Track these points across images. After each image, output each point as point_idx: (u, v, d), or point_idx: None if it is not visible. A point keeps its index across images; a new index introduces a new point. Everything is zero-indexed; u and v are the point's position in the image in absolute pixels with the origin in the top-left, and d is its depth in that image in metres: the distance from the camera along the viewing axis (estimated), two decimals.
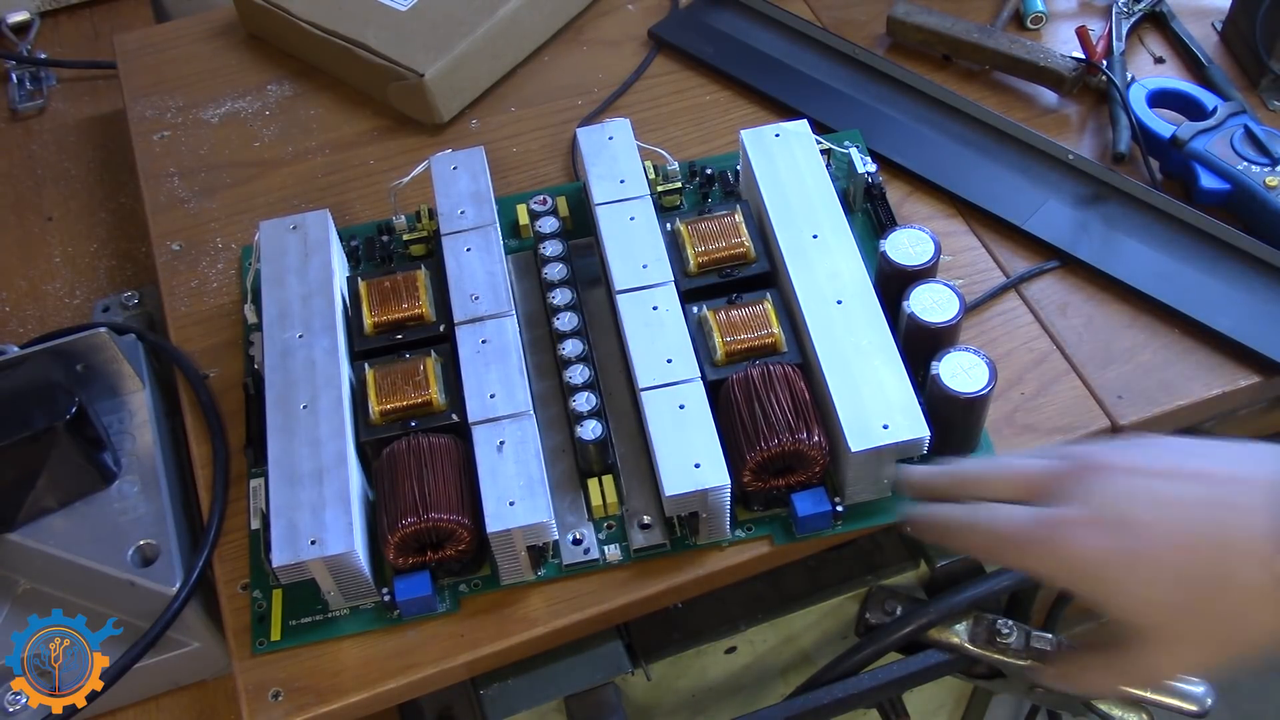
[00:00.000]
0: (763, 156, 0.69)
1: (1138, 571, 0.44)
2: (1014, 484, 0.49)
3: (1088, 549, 0.45)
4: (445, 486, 0.57)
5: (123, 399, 0.67)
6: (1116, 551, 0.44)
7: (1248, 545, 0.42)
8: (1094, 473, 0.46)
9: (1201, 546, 0.43)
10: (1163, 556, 0.43)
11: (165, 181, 0.80)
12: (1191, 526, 0.43)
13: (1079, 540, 0.45)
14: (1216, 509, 0.43)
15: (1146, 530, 0.44)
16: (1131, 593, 0.44)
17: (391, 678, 0.58)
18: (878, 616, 0.64)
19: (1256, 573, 0.42)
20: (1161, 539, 0.43)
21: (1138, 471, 0.45)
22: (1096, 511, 0.45)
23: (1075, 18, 0.84)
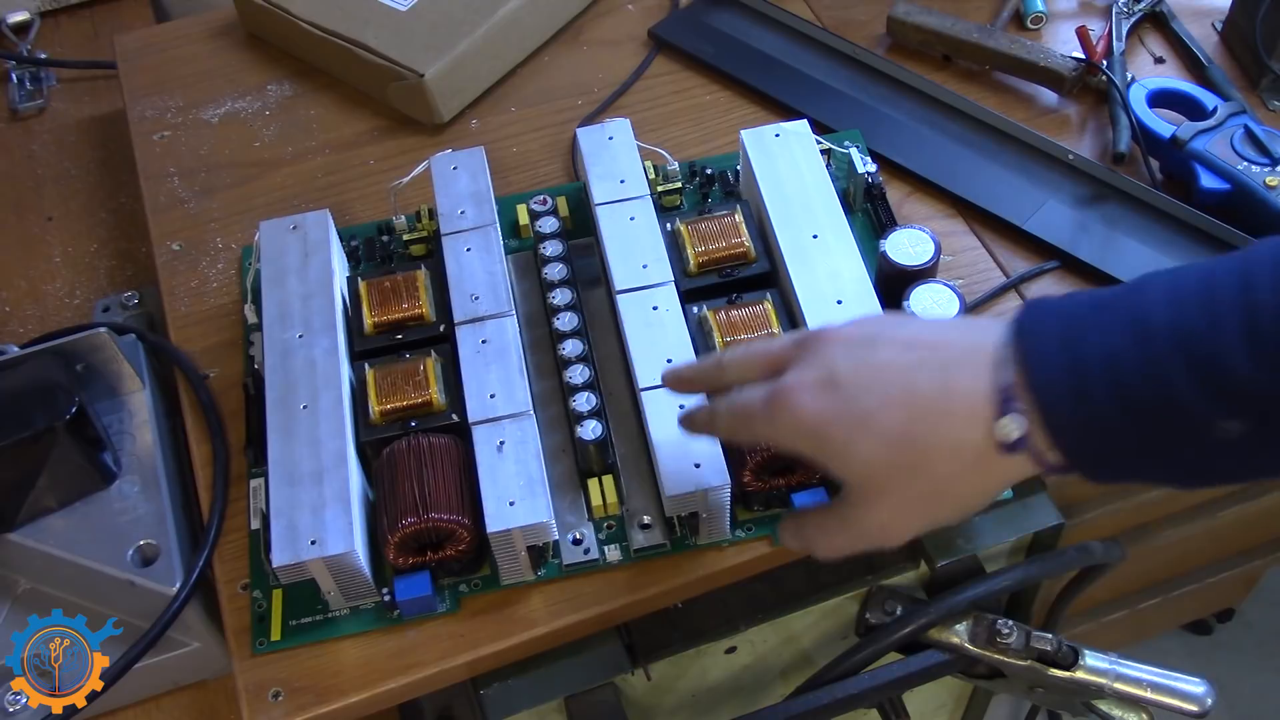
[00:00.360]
0: (763, 156, 0.69)
1: (852, 431, 0.45)
2: (755, 366, 0.51)
3: (809, 410, 0.46)
4: (445, 486, 0.57)
5: (123, 399, 0.67)
6: (832, 412, 0.46)
7: (956, 405, 0.43)
8: (819, 342, 0.48)
9: (917, 407, 0.44)
10: (878, 416, 0.45)
11: (165, 181, 0.80)
12: (909, 388, 0.45)
13: (801, 403, 0.46)
14: (936, 371, 0.44)
15: (864, 391, 0.45)
16: (846, 452, 0.46)
17: (391, 678, 0.58)
18: (878, 616, 0.64)
19: (972, 433, 0.43)
20: (875, 400, 0.45)
21: (860, 339, 0.47)
22: (817, 376, 0.46)
23: (1075, 18, 0.85)
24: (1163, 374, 0.39)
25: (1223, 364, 0.38)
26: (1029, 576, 0.63)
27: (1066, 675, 0.62)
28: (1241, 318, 0.38)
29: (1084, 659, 0.62)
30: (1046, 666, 0.62)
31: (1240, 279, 0.39)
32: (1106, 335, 0.41)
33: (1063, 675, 0.62)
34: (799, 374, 0.47)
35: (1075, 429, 0.42)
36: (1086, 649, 0.62)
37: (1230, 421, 0.39)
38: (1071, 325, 0.42)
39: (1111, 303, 0.42)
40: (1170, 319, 0.40)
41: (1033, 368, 0.42)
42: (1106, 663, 0.62)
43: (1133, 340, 0.40)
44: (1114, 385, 0.40)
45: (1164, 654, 1.36)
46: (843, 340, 0.48)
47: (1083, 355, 0.41)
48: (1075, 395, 0.41)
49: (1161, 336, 0.40)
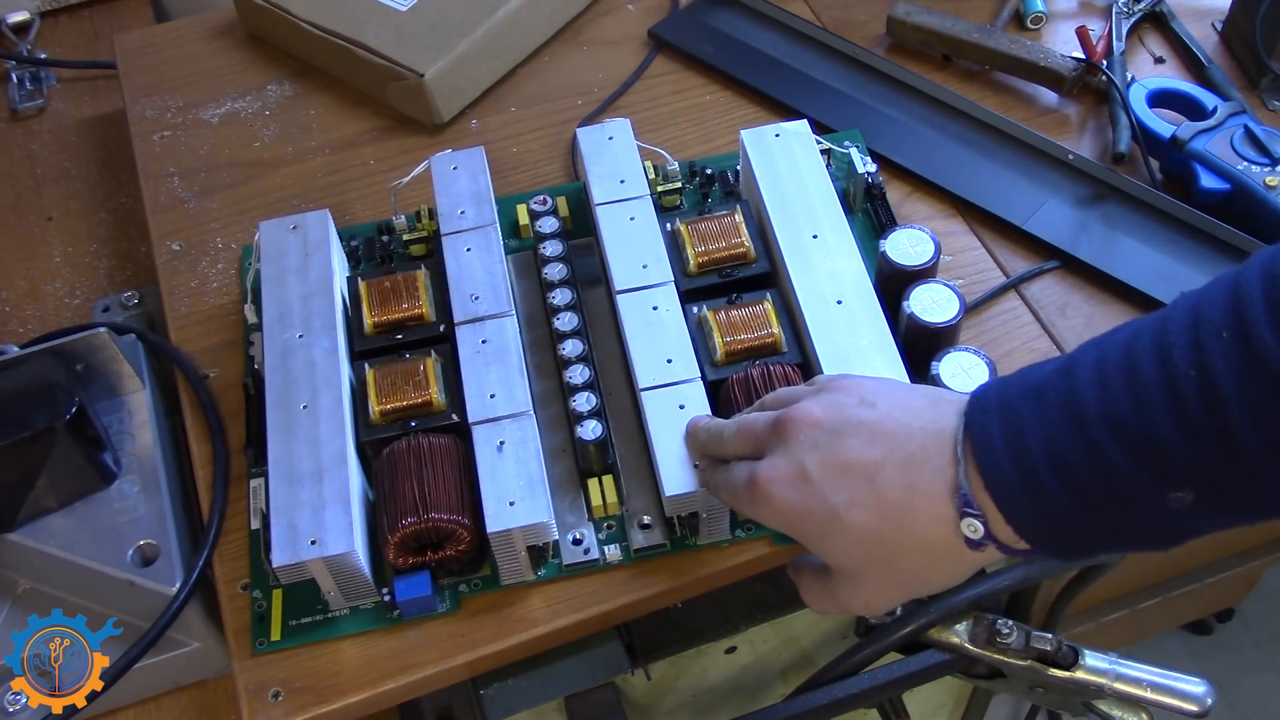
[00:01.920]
0: (763, 156, 0.69)
1: (826, 527, 0.48)
2: (743, 442, 0.52)
3: (782, 503, 0.48)
4: (445, 486, 0.57)
5: (123, 399, 0.67)
6: (807, 507, 0.48)
7: (926, 505, 0.45)
8: (792, 426, 0.49)
9: (885, 509, 0.46)
10: (847, 515, 0.47)
11: (165, 181, 0.80)
12: (875, 488, 0.46)
13: (774, 494, 0.49)
14: (898, 470, 0.46)
15: (832, 488, 0.47)
16: (823, 543, 0.49)
17: (391, 678, 0.58)
18: (878, 616, 0.64)
19: (939, 530, 0.45)
20: (845, 498, 0.47)
21: (829, 428, 0.48)
22: (788, 466, 0.48)
23: (1075, 18, 0.85)
24: (1104, 459, 0.40)
25: (1157, 444, 0.39)
26: (1029, 576, 0.63)
27: (1066, 675, 0.62)
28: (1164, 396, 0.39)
29: (1084, 659, 0.62)
30: (1046, 666, 0.62)
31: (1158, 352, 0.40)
32: (1046, 427, 0.42)
33: (1063, 675, 0.62)
34: (771, 464, 0.49)
35: (1033, 522, 0.43)
36: (1086, 649, 0.62)
37: (1179, 493, 0.40)
38: (1012, 419, 0.43)
39: (1046, 389, 0.42)
40: (1100, 404, 0.40)
41: (984, 467, 0.43)
42: (1106, 663, 0.62)
43: (1069, 429, 0.41)
44: (1061, 477, 0.41)
45: (1164, 654, 1.36)
46: (812, 426, 0.49)
47: (1028, 449, 0.42)
48: (1027, 492, 0.42)
49: (1095, 423, 0.41)
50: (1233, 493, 0.39)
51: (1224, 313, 0.38)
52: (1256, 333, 0.37)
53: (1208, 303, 0.39)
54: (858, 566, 0.49)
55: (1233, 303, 0.38)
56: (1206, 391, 0.38)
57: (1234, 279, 0.39)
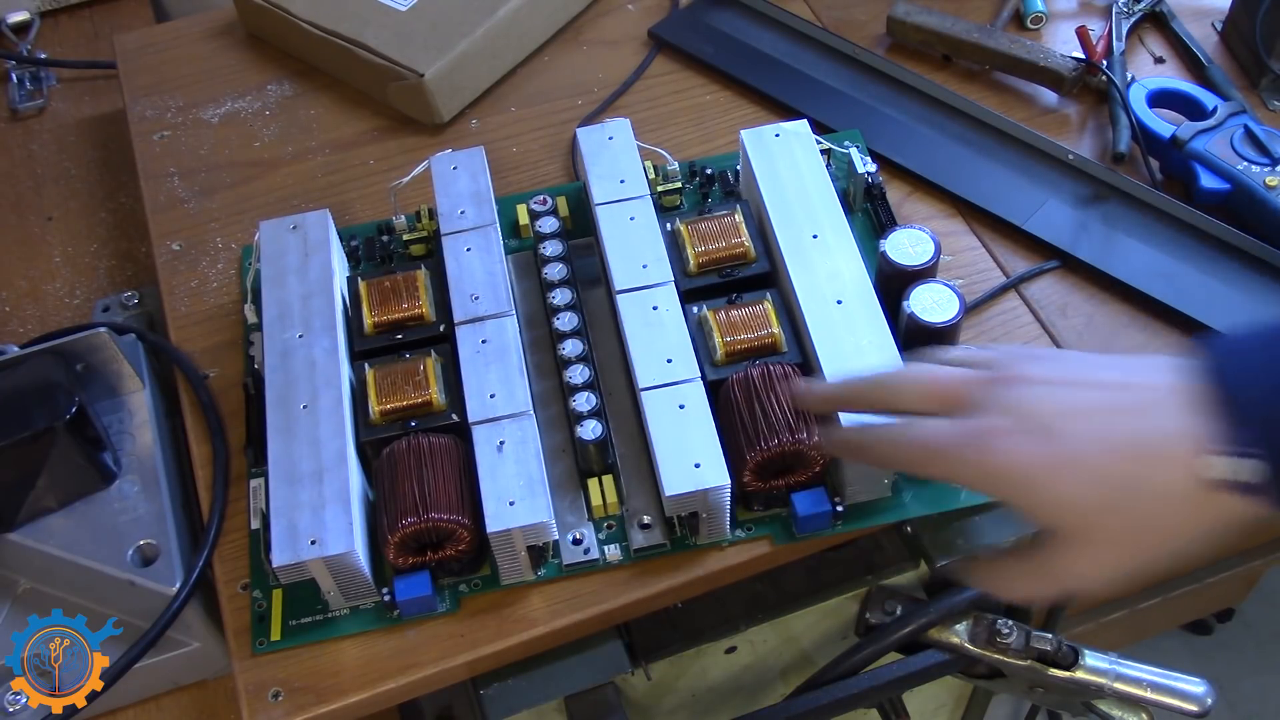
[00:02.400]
0: (763, 156, 0.69)
1: (1059, 475, 0.45)
2: (928, 396, 0.50)
3: (1012, 457, 0.46)
4: (445, 486, 0.57)
5: (123, 399, 0.67)
6: (1039, 456, 0.45)
7: (1167, 447, 0.44)
8: (1011, 383, 0.47)
9: (1121, 448, 0.44)
10: (1084, 460, 0.45)
11: (165, 181, 0.80)
12: (1111, 430, 0.45)
13: (1003, 449, 0.46)
14: (1134, 414, 0.45)
15: (1068, 436, 0.45)
16: (1053, 496, 0.46)
17: (391, 678, 0.58)
18: (878, 616, 0.64)
19: (1176, 473, 0.43)
20: (1083, 443, 0.45)
21: (1054, 381, 0.47)
22: (1018, 420, 0.46)
23: (1075, 18, 0.85)
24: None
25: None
26: None
27: (1066, 675, 0.62)
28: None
29: (1084, 659, 0.62)
30: (1046, 666, 0.62)
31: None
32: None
33: (1063, 675, 0.62)
34: (999, 418, 0.47)
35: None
36: (1086, 649, 0.62)
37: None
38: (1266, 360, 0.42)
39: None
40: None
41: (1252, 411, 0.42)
42: (1106, 663, 0.62)
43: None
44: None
45: (1164, 654, 1.36)
46: (1041, 381, 0.47)
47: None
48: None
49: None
50: None
51: None
52: None
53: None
54: (1087, 521, 0.46)
55: None
56: None
57: None
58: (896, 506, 0.61)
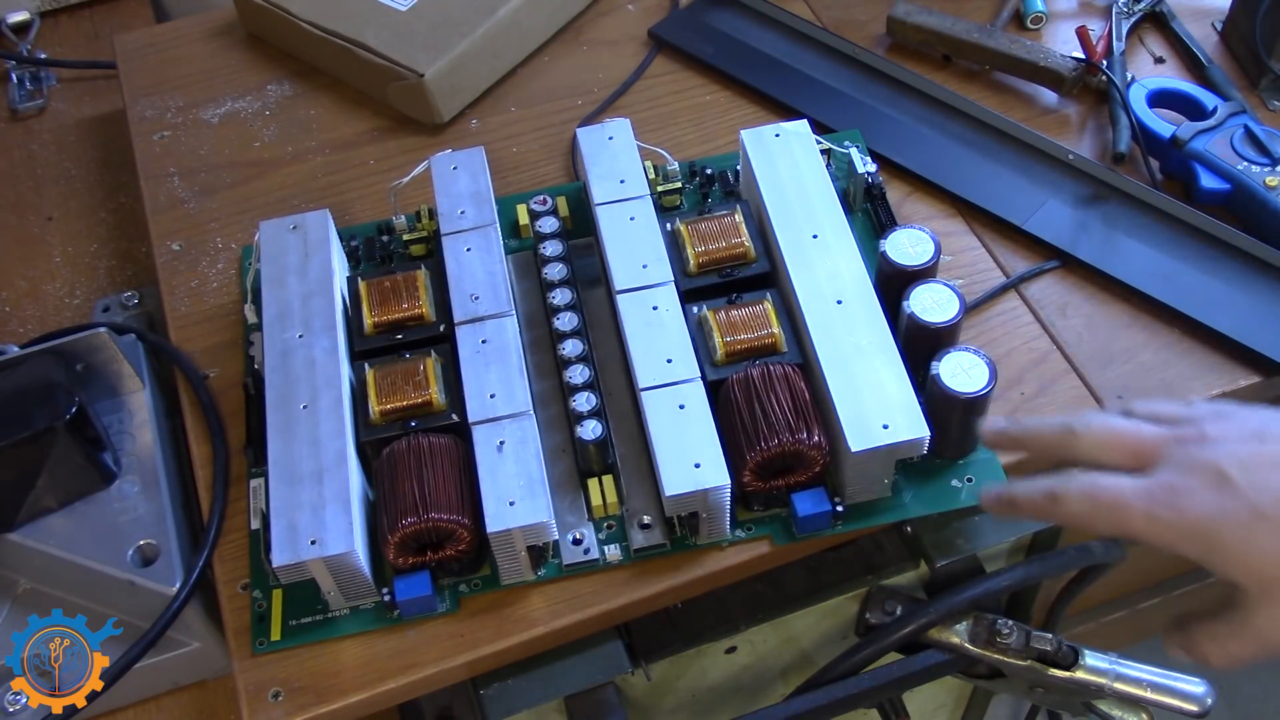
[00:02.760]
0: (763, 156, 0.69)
1: (1252, 531, 0.45)
2: (1114, 448, 0.50)
3: (1201, 512, 0.46)
4: (445, 486, 0.57)
5: (123, 399, 0.67)
6: (1232, 513, 0.45)
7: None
8: (1202, 441, 0.48)
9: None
10: (1274, 516, 0.45)
11: (165, 181, 0.80)
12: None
13: (1192, 505, 0.46)
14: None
15: (1260, 489, 0.45)
16: (1243, 552, 0.46)
17: (391, 678, 0.58)
18: (878, 616, 0.64)
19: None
20: (1273, 498, 0.45)
21: (1249, 435, 0.47)
22: (1210, 478, 0.46)
23: (1075, 18, 0.85)
24: None
25: None
26: (1029, 576, 0.63)
27: (1066, 675, 0.62)
28: None
29: (1084, 659, 0.62)
30: (1046, 666, 0.62)
31: None
32: None
33: (1063, 675, 0.62)
34: (1185, 475, 0.47)
35: None
36: (1086, 649, 0.62)
37: None
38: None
39: None
40: None
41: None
42: (1106, 663, 0.62)
43: None
44: None
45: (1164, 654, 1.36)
46: (1231, 437, 0.48)
47: None
48: None
49: None
50: None
51: None
52: None
53: None
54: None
55: None
56: None
57: None
58: (896, 506, 0.61)
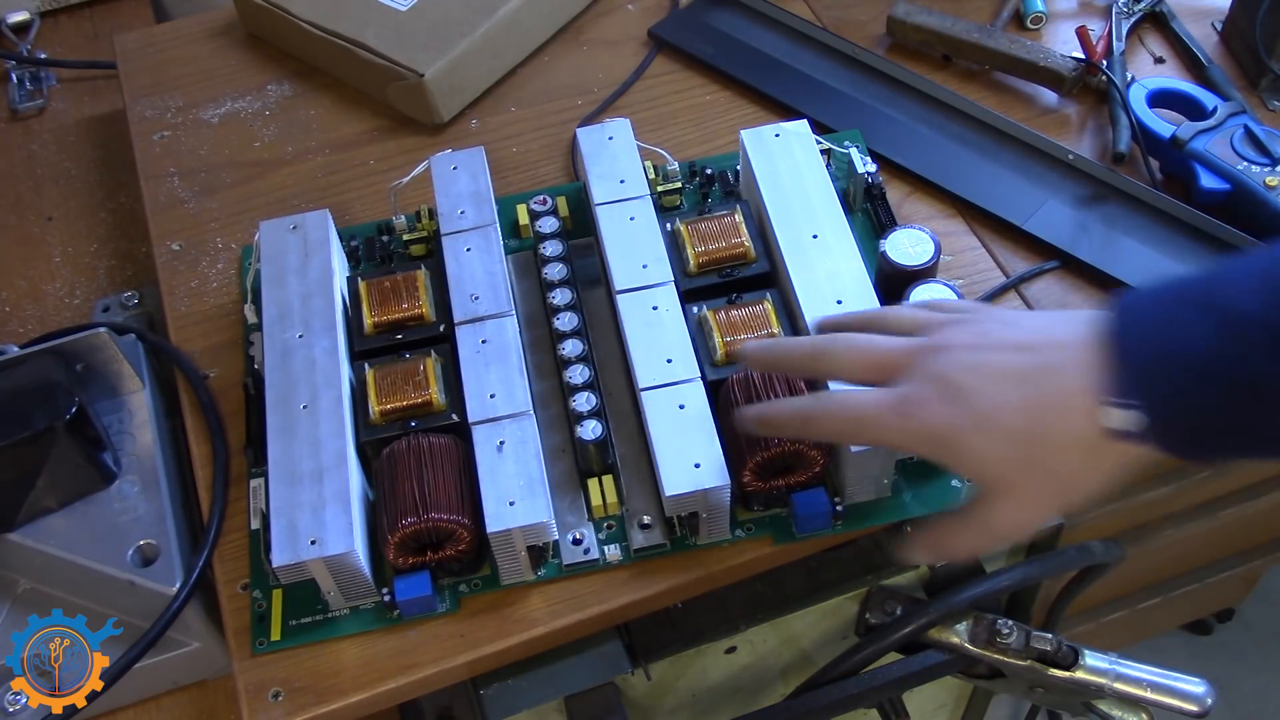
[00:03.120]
0: (763, 156, 0.69)
1: (979, 435, 0.49)
2: (860, 365, 0.54)
3: (936, 420, 0.50)
4: (445, 486, 0.57)
5: (123, 399, 0.67)
6: (957, 419, 0.49)
7: (1070, 402, 0.47)
8: (935, 352, 0.51)
9: (1029, 408, 0.48)
10: (998, 420, 0.48)
11: (165, 181, 0.80)
12: (1021, 391, 0.48)
13: (928, 413, 0.50)
14: (1042, 373, 0.48)
15: (982, 398, 0.49)
16: (974, 456, 0.50)
17: (391, 678, 0.58)
18: (878, 616, 0.64)
19: (1079, 425, 0.47)
20: (995, 406, 0.49)
21: (975, 346, 0.51)
22: (941, 387, 0.50)
23: (1075, 18, 0.85)
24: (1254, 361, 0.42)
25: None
26: (1029, 576, 0.63)
27: (1066, 675, 0.62)
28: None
29: (1084, 659, 0.62)
30: (1046, 666, 0.62)
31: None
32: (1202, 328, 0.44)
33: (1063, 675, 0.62)
34: (921, 385, 0.50)
35: (1178, 418, 0.45)
36: (1086, 649, 0.62)
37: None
38: (1165, 320, 0.45)
39: (1195, 290, 0.45)
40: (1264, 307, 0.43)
41: (1137, 365, 0.45)
42: (1106, 663, 0.62)
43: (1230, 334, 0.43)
44: (1210, 375, 0.43)
45: (1164, 654, 1.36)
46: (961, 348, 0.51)
47: (1180, 349, 0.44)
48: (1176, 388, 0.44)
49: (1254, 326, 0.43)
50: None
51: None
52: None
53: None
54: (1009, 475, 0.49)
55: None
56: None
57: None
58: (896, 506, 0.61)
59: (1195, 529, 0.91)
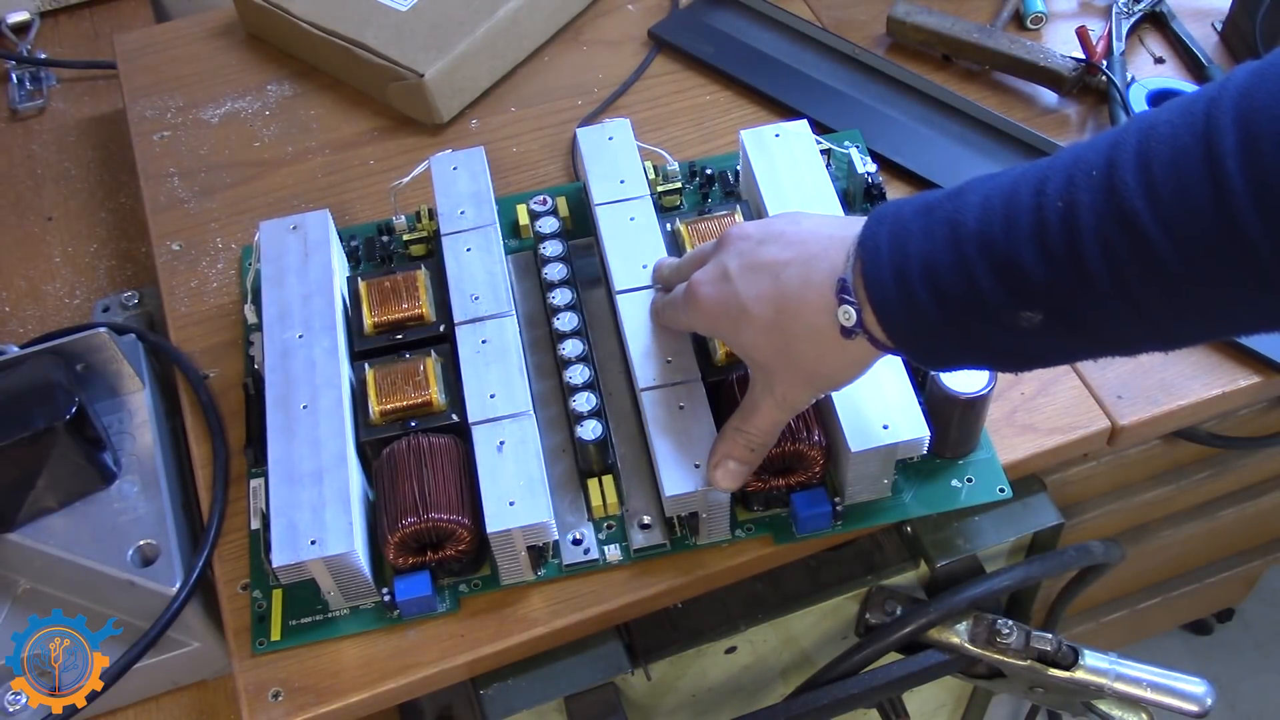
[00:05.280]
0: (763, 156, 0.69)
1: (737, 320, 0.53)
2: (694, 264, 0.58)
3: (707, 301, 0.54)
4: (445, 486, 0.57)
5: (123, 399, 0.67)
6: (723, 302, 0.53)
7: (809, 296, 0.50)
8: (727, 240, 0.55)
9: (782, 299, 0.51)
10: (755, 308, 0.52)
11: (165, 181, 0.80)
12: (778, 283, 0.51)
13: (702, 294, 0.54)
14: (799, 267, 0.51)
15: (745, 285, 0.52)
16: (737, 337, 0.54)
17: (391, 678, 0.58)
18: (878, 616, 0.64)
19: (821, 319, 0.49)
20: (754, 292, 0.52)
21: (753, 238, 0.54)
22: (715, 270, 0.54)
23: (1075, 18, 0.85)
24: (969, 273, 0.44)
25: (1017, 264, 0.43)
26: (1029, 576, 0.63)
27: (1066, 675, 0.62)
28: (1031, 221, 0.43)
29: (1084, 659, 0.62)
30: (1046, 666, 0.62)
31: (1036, 183, 0.43)
32: (926, 239, 0.46)
33: (1063, 675, 0.62)
34: (704, 270, 0.55)
35: (900, 321, 0.47)
36: (1086, 649, 0.62)
37: (1030, 312, 0.44)
38: (899, 229, 0.47)
39: (935, 207, 0.46)
40: (977, 224, 0.44)
41: (866, 266, 0.47)
42: (1106, 663, 0.62)
43: (946, 243, 0.45)
44: (930, 284, 0.45)
45: (1164, 654, 1.36)
46: (742, 238, 0.54)
47: (906, 256, 0.46)
48: (898, 292, 0.46)
49: (968, 240, 0.44)
50: (1077, 319, 0.43)
51: (1099, 156, 0.42)
52: (1120, 174, 0.40)
53: (1088, 148, 0.43)
54: (765, 360, 0.53)
55: (1109, 148, 0.42)
56: (1068, 221, 0.42)
57: (1117, 130, 0.43)
58: (896, 506, 0.61)
59: (1195, 529, 0.91)
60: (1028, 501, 0.66)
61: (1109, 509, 0.81)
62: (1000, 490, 0.61)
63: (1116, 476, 0.81)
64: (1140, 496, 0.83)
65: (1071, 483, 0.76)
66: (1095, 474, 0.78)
